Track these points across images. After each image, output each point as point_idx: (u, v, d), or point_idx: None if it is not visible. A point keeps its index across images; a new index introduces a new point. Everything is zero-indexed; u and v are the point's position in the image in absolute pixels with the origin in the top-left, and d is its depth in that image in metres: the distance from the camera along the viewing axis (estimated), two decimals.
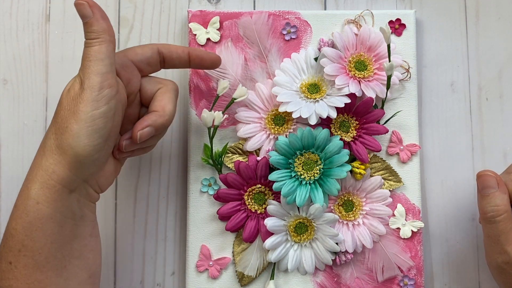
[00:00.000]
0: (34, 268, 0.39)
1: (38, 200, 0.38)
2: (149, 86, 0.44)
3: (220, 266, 0.50)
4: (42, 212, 0.38)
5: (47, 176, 0.39)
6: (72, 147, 0.38)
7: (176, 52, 0.45)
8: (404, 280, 0.50)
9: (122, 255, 0.52)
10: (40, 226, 0.38)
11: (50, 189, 0.39)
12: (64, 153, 0.39)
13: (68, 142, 0.38)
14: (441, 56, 0.53)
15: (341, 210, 0.50)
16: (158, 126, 0.43)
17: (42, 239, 0.39)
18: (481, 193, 0.45)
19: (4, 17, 0.53)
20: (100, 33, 0.40)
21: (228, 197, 0.49)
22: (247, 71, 0.51)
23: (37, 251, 0.39)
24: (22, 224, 0.38)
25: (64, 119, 0.39)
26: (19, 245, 0.38)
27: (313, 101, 0.48)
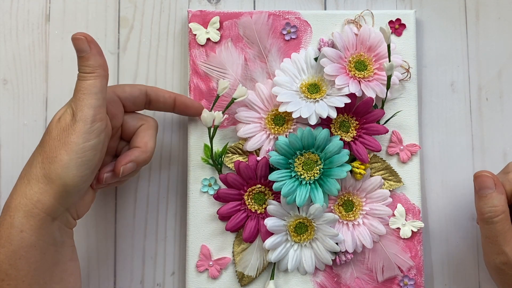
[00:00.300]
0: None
1: (22, 228, 0.39)
2: (132, 122, 0.46)
3: (220, 266, 0.50)
4: (26, 240, 0.39)
5: (31, 205, 0.39)
6: (61, 177, 0.39)
7: (163, 96, 0.47)
8: (404, 280, 0.50)
9: (122, 255, 0.52)
10: (23, 254, 0.39)
11: (35, 217, 0.39)
12: (52, 182, 0.39)
13: (57, 172, 0.39)
14: (441, 56, 0.53)
15: (341, 210, 0.50)
16: (140, 162, 0.44)
17: (26, 267, 0.39)
18: (479, 193, 0.45)
19: (4, 17, 0.53)
20: (95, 68, 0.41)
21: (228, 197, 0.49)
22: (247, 71, 0.51)
23: (21, 279, 0.39)
24: (6, 253, 0.38)
25: (54, 148, 0.40)
26: (3, 275, 0.38)
27: (313, 101, 0.48)
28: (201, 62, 0.51)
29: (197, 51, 0.51)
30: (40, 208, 0.39)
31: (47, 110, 0.53)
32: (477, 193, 0.46)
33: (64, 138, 0.40)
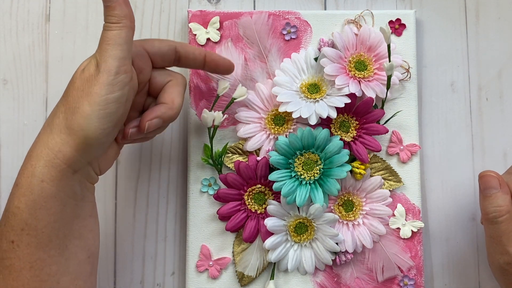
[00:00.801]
0: (37, 247, 0.38)
1: (42, 178, 0.38)
2: (160, 78, 0.44)
3: (220, 266, 0.50)
4: (47, 190, 0.38)
5: (53, 155, 0.38)
6: (83, 129, 0.38)
7: (193, 53, 0.45)
8: (404, 280, 0.50)
9: (122, 255, 0.52)
10: (44, 204, 0.38)
11: (55, 168, 0.38)
12: (73, 133, 0.38)
13: (78, 123, 0.38)
14: (441, 56, 0.53)
15: (341, 210, 0.50)
16: (166, 118, 0.43)
17: (46, 217, 0.38)
18: (483, 193, 0.45)
19: (4, 17, 0.53)
20: (121, 18, 0.39)
21: (228, 197, 0.49)
22: (247, 71, 0.51)
23: (40, 230, 0.38)
24: (26, 202, 0.38)
25: (76, 99, 0.39)
26: (22, 224, 0.38)
27: (313, 101, 0.48)
28: None
29: None
30: (61, 159, 0.38)
31: (47, 110, 0.53)
32: (482, 193, 0.45)
33: (87, 89, 0.38)
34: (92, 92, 0.38)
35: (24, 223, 0.38)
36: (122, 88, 0.39)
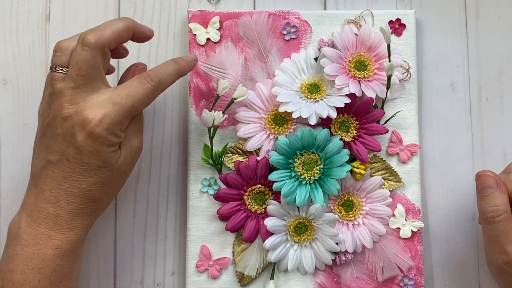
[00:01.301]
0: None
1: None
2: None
3: (220, 266, 0.50)
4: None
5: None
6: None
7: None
8: (404, 280, 0.50)
9: (122, 255, 0.52)
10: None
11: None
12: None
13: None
14: (441, 56, 0.53)
15: (341, 210, 0.50)
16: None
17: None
18: (481, 193, 0.45)
19: (4, 17, 0.53)
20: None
21: (228, 197, 0.49)
22: (247, 71, 0.51)
23: (73, 279, 0.43)
24: (69, 260, 0.42)
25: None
26: (62, 277, 0.42)
27: (313, 101, 0.48)
28: (201, 62, 0.51)
29: (197, 51, 0.51)
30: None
31: None
32: (479, 193, 0.46)
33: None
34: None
35: (64, 277, 0.42)
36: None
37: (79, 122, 0.40)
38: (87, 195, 0.41)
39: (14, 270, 0.40)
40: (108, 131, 0.40)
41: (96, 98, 0.41)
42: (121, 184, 0.44)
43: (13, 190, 0.52)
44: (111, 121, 0.40)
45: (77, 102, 0.40)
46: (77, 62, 0.40)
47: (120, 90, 0.41)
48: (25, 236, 0.40)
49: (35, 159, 0.42)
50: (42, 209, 0.41)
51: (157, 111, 0.53)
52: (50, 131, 0.41)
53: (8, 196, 0.52)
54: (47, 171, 0.41)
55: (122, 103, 0.40)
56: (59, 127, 0.41)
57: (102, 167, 0.41)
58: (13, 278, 0.40)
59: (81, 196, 0.41)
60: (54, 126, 0.41)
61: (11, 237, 0.41)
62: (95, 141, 0.40)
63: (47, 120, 0.42)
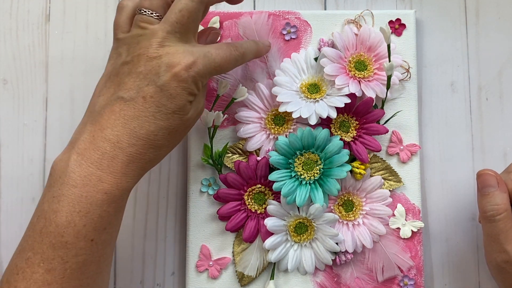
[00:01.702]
0: (109, 243, 0.41)
1: (128, 188, 0.41)
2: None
3: (220, 266, 0.50)
4: (127, 197, 0.41)
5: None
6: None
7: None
8: (404, 280, 0.50)
9: (122, 255, 0.52)
10: (124, 206, 0.41)
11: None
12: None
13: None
14: (441, 56, 0.53)
15: (341, 210, 0.50)
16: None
17: (121, 216, 0.42)
18: (481, 192, 0.45)
19: (4, 17, 0.53)
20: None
21: (228, 197, 0.49)
22: (247, 71, 0.51)
23: (116, 228, 0.41)
24: (115, 207, 0.40)
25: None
26: (106, 224, 0.39)
27: (313, 101, 0.48)
28: None
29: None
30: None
31: (47, 110, 0.53)
32: (479, 191, 0.46)
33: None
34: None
35: (108, 223, 0.39)
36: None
37: (168, 62, 0.39)
38: (151, 140, 0.39)
39: (59, 211, 0.38)
40: (193, 79, 0.39)
41: (188, 47, 0.40)
42: (179, 139, 0.42)
43: (13, 190, 0.52)
44: (199, 70, 0.39)
45: (169, 46, 0.40)
46: (181, 10, 0.40)
47: (210, 47, 0.41)
48: (74, 175, 0.38)
49: (98, 97, 0.40)
50: (98, 148, 0.38)
51: None
52: (128, 68, 0.40)
53: (8, 196, 0.52)
54: (113, 108, 0.39)
55: (212, 58, 0.40)
56: (143, 65, 0.39)
57: (176, 113, 0.39)
58: (57, 219, 0.38)
59: (145, 140, 0.39)
60: (136, 64, 0.39)
61: (56, 176, 0.39)
62: (179, 85, 0.39)
63: (125, 58, 0.40)
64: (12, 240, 0.51)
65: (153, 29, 0.40)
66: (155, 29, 0.40)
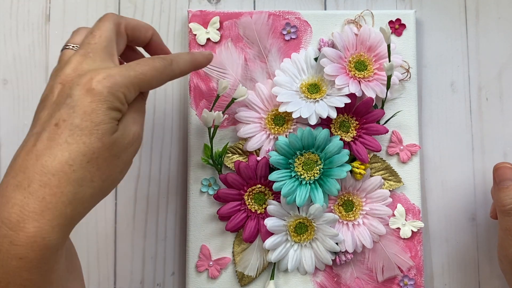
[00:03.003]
0: None
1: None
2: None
3: (220, 266, 0.50)
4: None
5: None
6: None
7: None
8: (404, 280, 0.50)
9: (122, 255, 0.52)
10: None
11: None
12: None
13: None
14: (441, 56, 0.53)
15: (341, 210, 0.50)
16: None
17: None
18: (499, 185, 0.45)
19: (4, 17, 0.53)
20: None
21: (228, 197, 0.49)
22: (247, 71, 0.51)
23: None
24: (40, 273, 0.34)
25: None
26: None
27: (313, 101, 0.48)
28: None
29: (197, 51, 0.51)
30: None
31: None
32: (497, 185, 0.45)
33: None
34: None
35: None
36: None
37: (79, 81, 0.35)
38: (67, 173, 0.33)
39: None
40: (109, 89, 0.35)
41: (103, 65, 0.37)
42: (110, 172, 0.36)
43: None
44: (115, 80, 0.35)
45: (82, 68, 0.36)
46: (92, 31, 0.38)
47: (132, 62, 0.38)
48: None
49: (19, 148, 0.36)
50: (8, 200, 0.32)
51: (157, 111, 0.53)
52: (43, 104, 0.36)
53: None
54: (27, 147, 0.34)
55: (130, 68, 0.36)
56: (56, 94, 0.36)
57: (93, 133, 0.34)
58: None
59: (59, 174, 0.33)
60: (50, 95, 0.36)
61: None
62: (94, 99, 0.34)
63: (42, 97, 0.37)
64: None
65: (68, 58, 0.37)
66: (69, 58, 0.37)
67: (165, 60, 0.39)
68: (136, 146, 0.38)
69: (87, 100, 0.34)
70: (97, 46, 0.37)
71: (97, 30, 0.38)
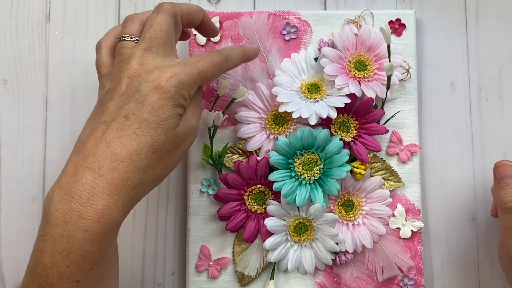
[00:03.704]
0: (98, 281, 0.38)
1: (117, 223, 0.37)
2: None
3: (220, 266, 0.50)
4: (115, 234, 0.38)
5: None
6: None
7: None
8: (404, 280, 0.50)
9: (122, 255, 0.52)
10: (112, 244, 0.38)
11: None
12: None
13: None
14: (441, 56, 0.53)
15: (341, 210, 0.50)
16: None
17: (111, 254, 0.38)
18: (500, 183, 0.45)
19: (4, 17, 0.53)
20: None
21: (228, 197, 0.49)
22: (247, 71, 0.51)
23: (106, 266, 0.38)
24: (100, 246, 0.36)
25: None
26: (92, 264, 0.37)
27: (313, 101, 0.48)
28: None
29: (197, 51, 0.51)
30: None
31: (47, 110, 0.53)
32: (498, 182, 0.45)
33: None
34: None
35: (94, 263, 0.37)
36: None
37: (148, 77, 0.38)
38: (135, 161, 0.36)
39: (44, 251, 0.36)
40: (176, 88, 0.38)
41: (167, 61, 0.40)
42: (168, 162, 0.39)
43: (13, 190, 0.52)
44: (181, 79, 0.38)
45: (147, 63, 0.39)
46: (152, 25, 0.40)
47: (190, 58, 0.40)
48: (56, 213, 0.36)
49: (85, 129, 0.39)
50: (79, 179, 0.36)
51: None
52: (110, 94, 0.39)
53: (8, 196, 0.52)
54: (96, 134, 0.37)
55: (193, 66, 0.39)
56: (124, 86, 0.38)
57: (159, 126, 0.37)
58: (43, 259, 0.36)
59: (128, 161, 0.36)
60: (118, 87, 0.38)
61: (44, 213, 0.37)
62: (161, 96, 0.37)
63: (108, 87, 0.39)
64: (12, 240, 0.51)
65: (130, 51, 0.40)
66: (132, 51, 0.40)
67: (221, 55, 0.41)
68: (193, 137, 0.41)
69: (155, 97, 0.37)
70: (158, 40, 0.40)
71: (157, 24, 0.40)
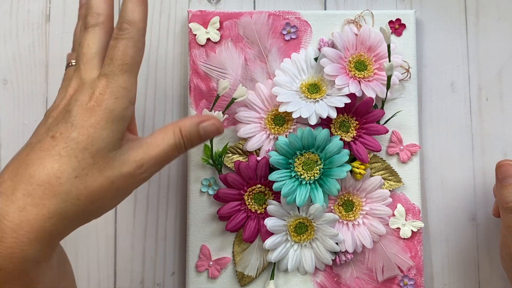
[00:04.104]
0: None
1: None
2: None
3: (220, 266, 0.50)
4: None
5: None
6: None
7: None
8: (404, 280, 0.50)
9: (122, 255, 0.52)
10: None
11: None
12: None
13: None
14: (441, 56, 0.53)
15: (341, 210, 0.50)
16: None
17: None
18: (502, 182, 0.45)
19: (4, 17, 0.53)
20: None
21: (228, 197, 0.49)
22: (247, 71, 0.51)
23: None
24: (23, 285, 0.32)
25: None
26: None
27: (313, 101, 0.48)
28: (201, 62, 0.51)
29: (197, 51, 0.51)
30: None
31: None
32: (500, 182, 0.45)
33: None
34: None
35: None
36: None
37: (76, 98, 0.35)
38: (53, 185, 0.32)
39: None
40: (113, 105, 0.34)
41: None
42: (100, 196, 0.33)
43: None
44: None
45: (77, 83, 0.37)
46: (82, 44, 0.38)
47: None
48: None
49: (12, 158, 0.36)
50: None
51: (157, 111, 0.53)
52: (44, 120, 0.36)
53: None
54: (20, 156, 0.34)
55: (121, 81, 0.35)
56: (55, 111, 0.36)
57: (87, 148, 0.33)
58: None
59: (45, 185, 0.31)
60: (49, 113, 0.37)
61: None
62: (94, 115, 0.34)
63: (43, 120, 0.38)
64: None
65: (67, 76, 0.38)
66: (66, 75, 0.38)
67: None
68: (137, 179, 0.35)
69: (85, 116, 0.34)
70: (85, 58, 0.37)
71: (86, 45, 0.38)
